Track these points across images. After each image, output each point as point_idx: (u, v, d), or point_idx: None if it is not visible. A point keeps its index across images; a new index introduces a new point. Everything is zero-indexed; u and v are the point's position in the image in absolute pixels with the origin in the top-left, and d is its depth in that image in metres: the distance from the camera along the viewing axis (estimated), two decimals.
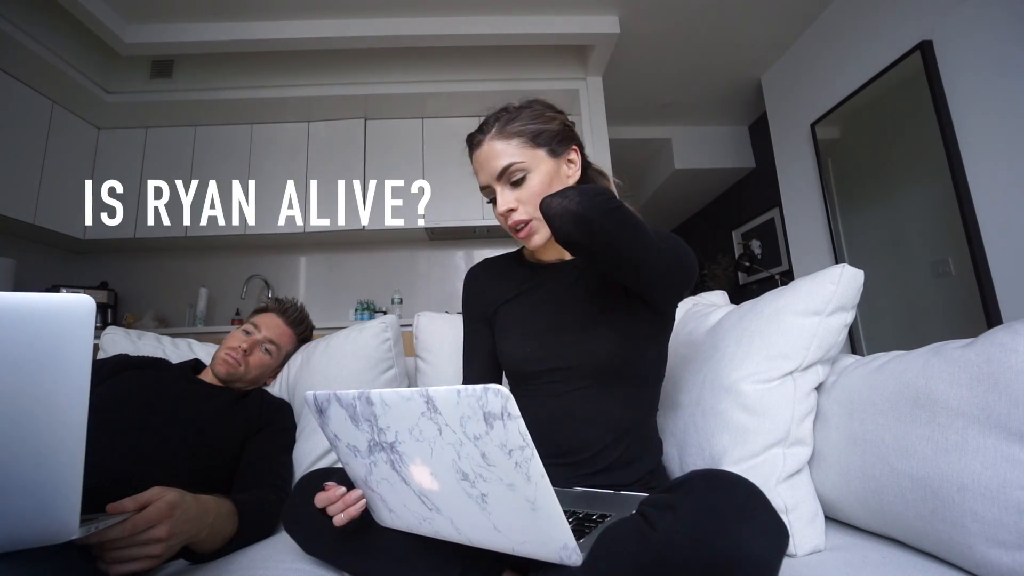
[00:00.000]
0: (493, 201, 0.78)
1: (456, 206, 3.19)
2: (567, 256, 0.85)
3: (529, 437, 0.40)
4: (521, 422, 0.40)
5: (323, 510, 0.61)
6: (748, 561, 0.41)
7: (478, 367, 0.90)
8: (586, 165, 0.84)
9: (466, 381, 0.90)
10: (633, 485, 0.73)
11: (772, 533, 0.44)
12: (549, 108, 0.81)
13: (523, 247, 0.92)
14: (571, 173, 0.80)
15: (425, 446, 0.46)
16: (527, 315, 0.83)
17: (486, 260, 0.95)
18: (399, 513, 0.56)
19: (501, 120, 0.77)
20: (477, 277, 0.93)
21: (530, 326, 0.81)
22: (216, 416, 0.98)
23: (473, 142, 0.79)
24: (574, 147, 0.81)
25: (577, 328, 0.77)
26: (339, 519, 0.59)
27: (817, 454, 0.77)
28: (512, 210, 0.75)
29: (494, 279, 0.91)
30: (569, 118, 0.84)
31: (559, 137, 0.78)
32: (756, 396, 0.76)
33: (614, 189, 0.86)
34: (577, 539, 0.46)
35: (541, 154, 0.76)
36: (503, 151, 0.75)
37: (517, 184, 0.75)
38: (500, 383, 0.89)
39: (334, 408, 0.53)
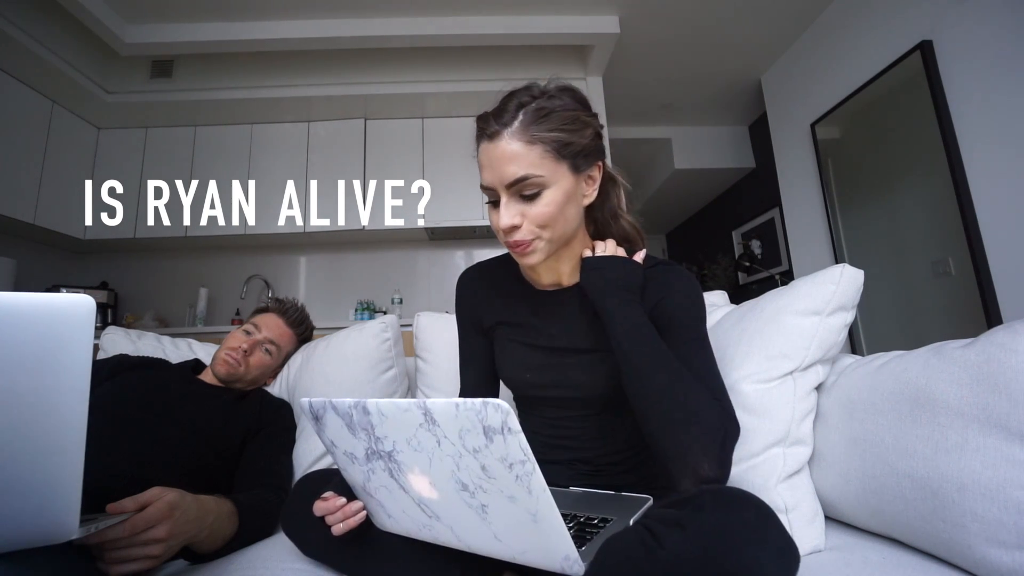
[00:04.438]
0: (492, 203, 0.68)
1: (456, 206, 3.19)
2: (564, 282, 0.79)
3: (530, 451, 0.40)
4: (522, 437, 0.39)
5: (322, 518, 0.61)
6: None
7: (475, 374, 0.85)
8: (606, 176, 0.76)
9: (463, 387, 0.87)
10: (634, 487, 0.73)
11: (783, 554, 0.43)
12: (584, 109, 0.69)
13: None
14: (588, 193, 0.71)
15: (424, 456, 0.46)
16: (525, 343, 0.79)
17: (480, 266, 0.88)
18: (398, 519, 0.56)
19: (528, 113, 0.64)
20: (470, 285, 0.87)
21: (528, 354, 0.78)
22: (216, 416, 0.98)
23: (487, 132, 0.65)
24: (598, 163, 0.71)
25: (576, 359, 0.74)
26: (338, 529, 0.59)
27: (817, 454, 0.76)
28: (516, 227, 0.66)
29: (489, 291, 0.84)
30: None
31: (586, 152, 0.67)
32: (756, 396, 0.76)
33: (624, 197, 0.79)
34: (578, 546, 0.45)
35: (563, 169, 0.65)
36: (521, 157, 0.63)
37: (528, 198, 0.65)
38: (497, 390, 0.88)
39: (330, 416, 0.52)
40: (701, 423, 0.60)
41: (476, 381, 0.85)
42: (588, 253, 0.75)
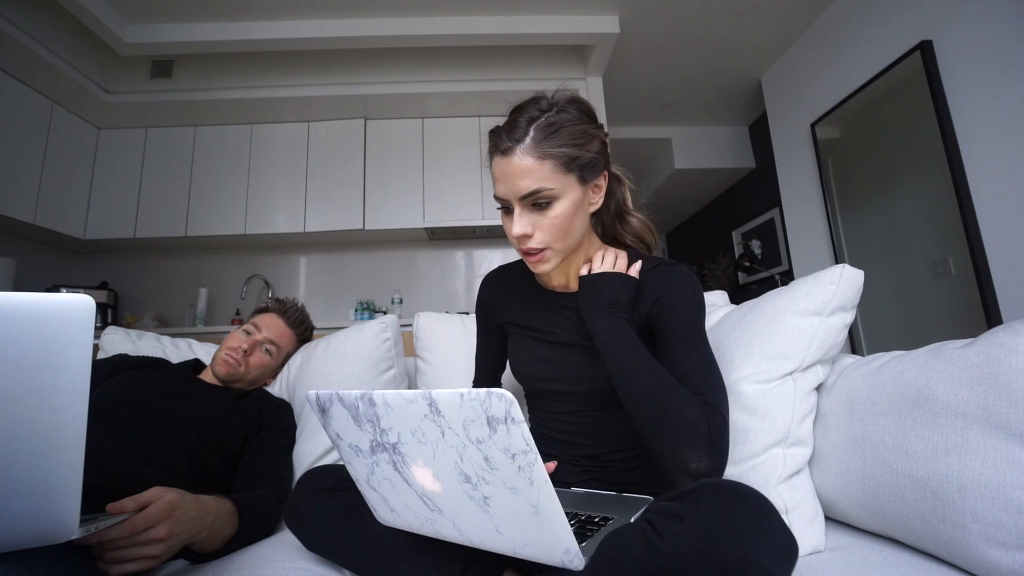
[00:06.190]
0: (506, 210, 0.73)
1: (456, 206, 3.19)
2: (572, 285, 0.83)
3: (532, 442, 0.40)
4: (525, 427, 0.39)
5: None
6: (757, 574, 0.41)
7: (487, 369, 0.96)
8: (611, 176, 0.79)
9: (476, 379, 0.96)
10: (638, 486, 0.73)
11: (782, 546, 0.43)
12: (590, 121, 0.73)
13: None
14: (595, 201, 0.75)
15: (427, 448, 0.46)
16: (535, 338, 0.83)
17: (499, 269, 0.95)
18: (401, 513, 0.56)
19: (539, 129, 0.68)
20: (489, 288, 0.94)
21: (537, 348, 0.82)
22: (216, 416, 0.98)
23: (501, 147, 0.69)
24: (605, 172, 0.75)
25: (578, 355, 0.78)
26: None
27: (817, 454, 0.76)
28: (528, 236, 0.70)
29: (505, 294, 0.91)
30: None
31: (592, 163, 0.71)
32: (756, 396, 0.76)
33: (629, 196, 0.85)
34: (579, 542, 0.45)
35: (572, 180, 0.69)
36: (534, 172, 0.67)
37: (539, 207, 0.69)
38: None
39: (336, 408, 0.53)
40: (681, 422, 0.62)
41: (489, 376, 0.96)
42: (585, 270, 0.77)
